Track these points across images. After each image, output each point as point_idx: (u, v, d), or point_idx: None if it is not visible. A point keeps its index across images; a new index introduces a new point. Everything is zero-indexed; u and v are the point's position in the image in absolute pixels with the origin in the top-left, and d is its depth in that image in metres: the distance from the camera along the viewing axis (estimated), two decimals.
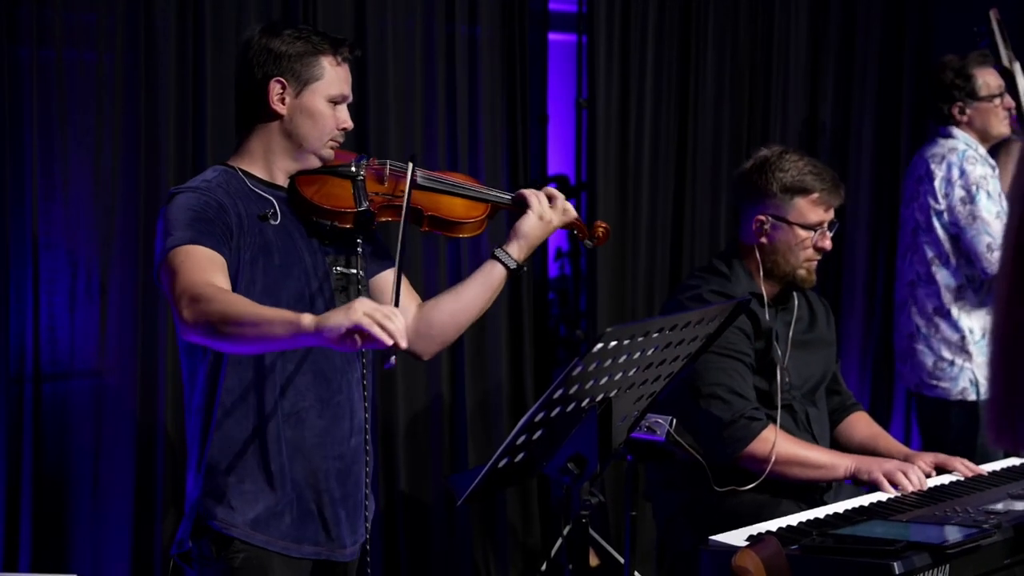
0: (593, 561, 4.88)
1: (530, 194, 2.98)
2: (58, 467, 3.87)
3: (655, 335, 2.46)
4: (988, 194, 4.39)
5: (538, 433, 2.44)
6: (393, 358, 2.41)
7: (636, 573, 4.90)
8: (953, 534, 2.74)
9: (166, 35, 3.97)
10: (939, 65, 4.61)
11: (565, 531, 4.48)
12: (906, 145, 5.79)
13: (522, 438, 2.42)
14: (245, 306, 2.52)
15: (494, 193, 3.03)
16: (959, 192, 4.41)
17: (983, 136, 4.55)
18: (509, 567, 4.82)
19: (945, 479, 3.41)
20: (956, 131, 4.53)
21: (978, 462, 3.52)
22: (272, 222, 2.76)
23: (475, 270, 2.97)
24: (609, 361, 2.39)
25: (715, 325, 2.65)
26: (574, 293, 5.27)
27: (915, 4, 5.83)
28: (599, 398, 2.46)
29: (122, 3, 3.89)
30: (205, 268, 2.61)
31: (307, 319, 2.41)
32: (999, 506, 3.03)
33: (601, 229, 3.08)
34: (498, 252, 2.95)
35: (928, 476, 3.43)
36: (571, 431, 2.46)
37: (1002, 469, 3.54)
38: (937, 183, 4.45)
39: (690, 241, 5.25)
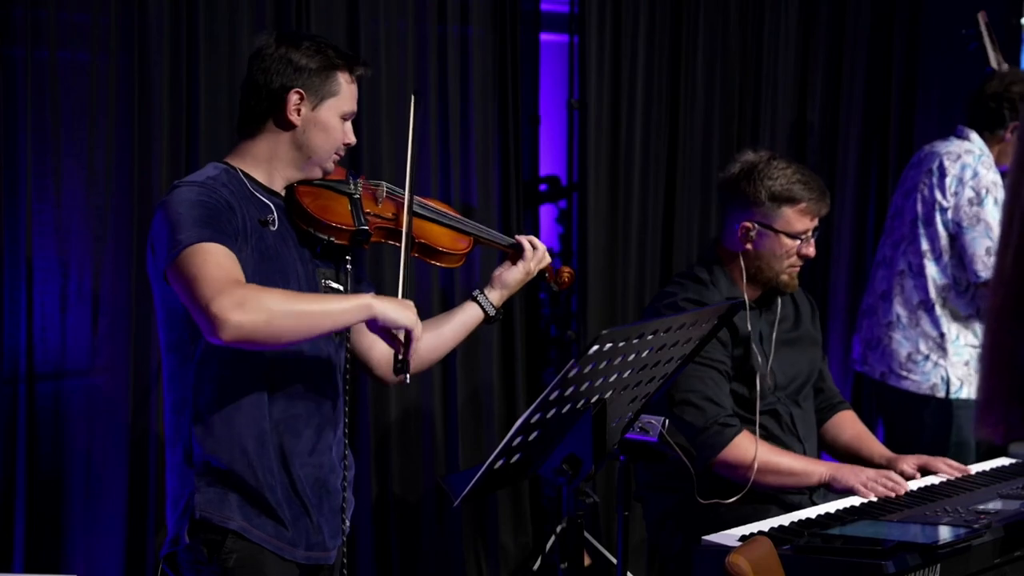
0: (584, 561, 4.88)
1: (527, 247, 3.07)
2: (51, 467, 3.87)
3: (650, 337, 2.47)
4: (996, 200, 4.32)
5: (534, 434, 2.46)
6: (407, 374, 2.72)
7: (628, 574, 4.91)
8: (944, 534, 2.76)
9: (160, 36, 3.96)
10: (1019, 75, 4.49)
11: (558, 529, 4.50)
12: (894, 146, 5.81)
13: (518, 439, 2.43)
14: (302, 297, 2.65)
15: (491, 234, 3.08)
16: (968, 192, 4.35)
17: (1002, 155, 4.43)
18: (500, 567, 4.82)
19: (935, 479, 3.44)
20: (974, 136, 4.46)
21: (953, 459, 3.55)
22: (271, 228, 2.77)
23: (456, 308, 3.08)
24: (604, 363, 2.41)
25: (708, 327, 2.67)
26: (565, 294, 5.27)
27: (904, 6, 5.85)
28: (594, 399, 2.48)
29: (116, 4, 3.88)
30: (231, 268, 2.60)
31: (375, 304, 2.66)
32: (989, 506, 3.05)
33: (567, 275, 3.16)
34: (479, 297, 3.05)
35: (912, 478, 3.45)
36: (566, 432, 2.48)
37: (992, 469, 3.57)
38: (948, 180, 4.38)
39: (680, 242, 5.26)
